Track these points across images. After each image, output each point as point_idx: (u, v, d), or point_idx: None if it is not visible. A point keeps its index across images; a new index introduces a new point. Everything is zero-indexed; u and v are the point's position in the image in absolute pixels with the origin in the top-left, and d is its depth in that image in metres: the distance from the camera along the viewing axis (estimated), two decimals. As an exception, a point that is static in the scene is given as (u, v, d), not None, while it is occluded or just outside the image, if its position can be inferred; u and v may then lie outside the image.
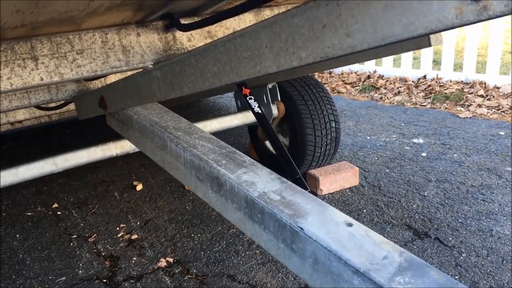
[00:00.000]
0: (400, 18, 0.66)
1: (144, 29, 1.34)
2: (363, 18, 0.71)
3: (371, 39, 0.71)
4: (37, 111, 2.77)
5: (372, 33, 0.70)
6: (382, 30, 0.69)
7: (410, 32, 0.66)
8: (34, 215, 2.96)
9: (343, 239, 0.94)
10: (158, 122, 1.51)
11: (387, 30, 0.68)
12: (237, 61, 1.00)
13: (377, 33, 0.70)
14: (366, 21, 0.71)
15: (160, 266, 2.32)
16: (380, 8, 0.68)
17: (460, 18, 0.59)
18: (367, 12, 0.70)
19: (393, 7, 0.66)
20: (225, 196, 1.21)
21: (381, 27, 0.69)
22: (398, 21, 0.66)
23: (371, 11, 0.69)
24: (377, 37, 0.70)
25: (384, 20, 0.68)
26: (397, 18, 0.66)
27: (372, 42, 0.71)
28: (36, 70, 1.18)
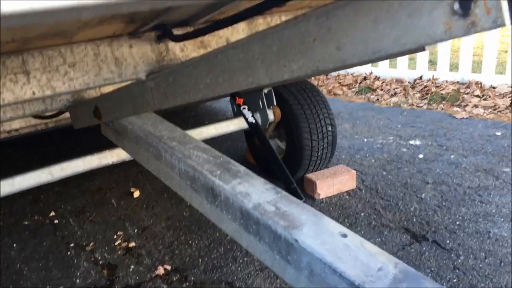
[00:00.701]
0: (390, 33, 0.66)
1: (136, 41, 1.33)
2: (353, 32, 0.71)
3: (362, 53, 0.71)
4: (33, 119, 2.77)
5: (363, 47, 0.70)
6: (372, 44, 0.69)
7: (400, 46, 0.66)
8: (31, 224, 2.95)
9: (338, 250, 0.93)
10: (152, 132, 1.51)
11: (377, 44, 0.68)
12: (229, 72, 1.00)
13: (368, 47, 0.70)
14: (356, 35, 0.70)
15: (158, 274, 2.32)
16: (370, 22, 0.68)
17: (449, 33, 0.59)
18: (357, 26, 0.70)
19: (382, 21, 0.66)
20: (220, 207, 1.20)
21: (371, 41, 0.69)
22: (388, 36, 0.66)
23: (361, 25, 0.69)
24: (367, 51, 0.70)
25: (374, 34, 0.68)
26: (386, 33, 0.66)
27: (363, 56, 0.71)
28: (28, 85, 1.18)
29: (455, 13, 0.57)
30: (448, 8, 0.58)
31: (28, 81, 1.17)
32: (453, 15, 0.58)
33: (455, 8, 0.57)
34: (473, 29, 0.56)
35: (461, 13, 0.57)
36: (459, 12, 0.57)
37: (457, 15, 0.57)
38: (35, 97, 1.18)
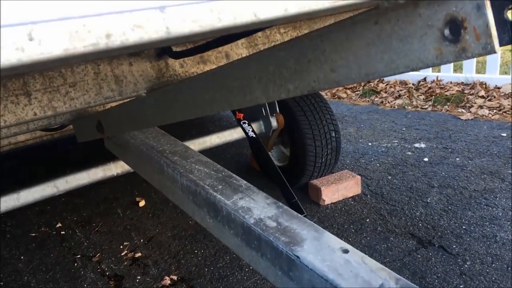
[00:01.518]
0: (382, 56, 0.66)
1: (136, 58, 1.34)
2: (346, 55, 0.71)
3: (355, 75, 0.71)
4: (37, 132, 2.79)
5: (356, 69, 0.71)
6: (365, 67, 0.69)
7: (392, 70, 0.66)
8: (38, 236, 2.97)
9: (339, 267, 0.94)
10: (154, 146, 1.52)
11: (370, 67, 0.69)
12: (227, 90, 1.01)
13: (361, 70, 0.70)
14: (350, 57, 0.71)
15: (165, 284, 2.33)
16: (363, 46, 0.68)
17: (440, 58, 0.59)
18: (350, 49, 0.70)
19: (374, 45, 0.67)
20: (222, 222, 1.21)
21: (364, 64, 0.69)
22: (380, 59, 0.66)
23: (354, 49, 0.70)
24: (361, 74, 0.71)
25: (366, 58, 0.68)
26: (378, 57, 0.67)
27: (356, 78, 0.71)
28: (29, 106, 1.19)
29: (446, 39, 0.58)
30: (439, 34, 0.58)
31: (29, 102, 1.19)
32: (444, 41, 0.58)
33: (445, 34, 0.57)
34: (464, 55, 0.56)
35: (451, 39, 0.57)
36: (449, 38, 0.57)
37: (447, 41, 0.57)
38: (37, 117, 1.20)
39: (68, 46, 0.35)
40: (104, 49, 0.37)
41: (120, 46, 0.37)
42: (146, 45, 0.39)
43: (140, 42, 0.38)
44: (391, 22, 0.63)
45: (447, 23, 0.57)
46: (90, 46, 0.36)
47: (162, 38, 0.39)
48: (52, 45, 0.34)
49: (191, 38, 0.42)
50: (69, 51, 0.35)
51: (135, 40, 0.38)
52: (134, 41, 0.38)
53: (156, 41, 0.39)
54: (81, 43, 0.35)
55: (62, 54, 0.35)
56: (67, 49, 0.35)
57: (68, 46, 0.35)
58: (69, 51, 0.35)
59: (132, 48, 0.39)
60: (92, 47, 0.36)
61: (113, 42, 0.37)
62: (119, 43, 0.37)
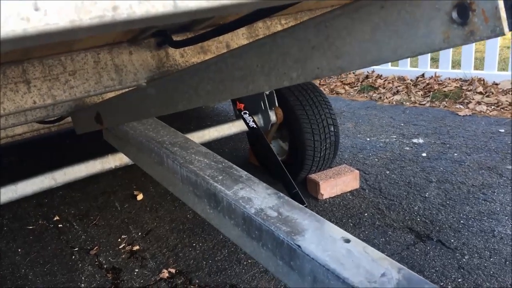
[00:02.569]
0: (388, 42, 0.65)
1: (136, 47, 1.33)
2: (351, 40, 0.70)
3: (360, 61, 0.71)
4: (35, 124, 2.77)
5: (361, 55, 0.70)
6: (371, 53, 0.69)
7: (398, 56, 0.66)
8: (36, 229, 2.96)
9: (341, 257, 0.93)
10: (154, 137, 1.51)
11: (375, 53, 0.68)
12: (229, 80, 1.00)
13: (366, 55, 0.69)
14: (355, 43, 0.70)
15: (163, 277, 2.32)
16: (368, 31, 0.68)
17: (448, 42, 0.59)
18: (355, 35, 0.70)
19: (380, 30, 0.66)
20: (222, 213, 1.20)
21: (369, 50, 0.69)
22: (386, 45, 0.66)
23: (359, 34, 0.69)
24: (366, 60, 0.70)
25: (372, 43, 0.68)
26: (384, 42, 0.66)
27: (362, 64, 0.71)
28: (28, 94, 1.18)
29: (453, 22, 0.57)
30: (446, 17, 0.57)
31: (28, 90, 1.17)
32: (451, 24, 0.57)
33: (453, 17, 0.57)
34: (472, 38, 0.56)
35: (459, 22, 0.56)
36: (457, 21, 0.56)
37: (455, 24, 0.57)
38: (36, 106, 1.19)
39: (74, 17, 0.34)
40: (110, 22, 0.36)
41: (127, 19, 0.36)
42: (152, 20, 0.38)
43: (146, 16, 0.37)
44: (398, 6, 0.62)
45: (455, 6, 0.56)
46: (96, 19, 0.35)
47: (169, 12, 0.39)
48: (57, 16, 0.33)
49: (199, 15, 0.41)
50: (75, 23, 0.34)
51: (141, 13, 0.37)
52: (140, 14, 0.37)
53: (163, 15, 0.38)
54: (87, 15, 0.35)
55: (67, 26, 0.34)
56: (73, 21, 0.34)
57: (74, 18, 0.34)
58: (75, 23, 0.34)
59: (138, 23, 0.38)
60: (98, 20, 0.35)
61: (119, 15, 0.36)
62: (125, 16, 0.36)
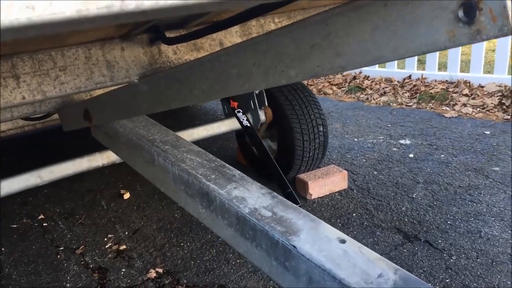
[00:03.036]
0: (389, 41, 0.65)
1: (128, 43, 1.31)
2: (352, 39, 0.70)
3: (361, 60, 0.70)
4: (20, 121, 2.72)
5: (361, 54, 0.69)
6: (371, 53, 0.68)
7: (399, 55, 0.65)
8: (20, 227, 2.91)
9: (337, 257, 0.92)
10: (145, 135, 1.49)
11: (376, 52, 0.67)
12: (225, 78, 0.98)
13: (366, 55, 0.69)
14: (355, 43, 0.69)
15: (150, 277, 2.29)
16: (368, 31, 0.67)
17: (453, 41, 0.58)
18: (355, 34, 0.69)
19: (380, 30, 0.65)
20: (215, 212, 1.19)
21: (370, 50, 0.68)
22: (386, 45, 0.65)
23: (359, 34, 0.68)
24: (366, 59, 0.69)
25: (372, 43, 0.67)
26: (385, 42, 0.65)
27: (362, 63, 0.70)
28: (17, 89, 1.15)
29: (459, 20, 0.56)
30: (452, 16, 0.57)
31: (18, 86, 1.14)
32: (457, 23, 0.57)
33: (459, 16, 0.56)
34: (479, 37, 0.55)
35: (465, 21, 0.56)
36: (463, 20, 0.56)
37: (461, 23, 0.56)
38: (25, 101, 1.16)
39: (80, 7, 0.33)
40: (117, 13, 0.34)
41: (135, 10, 0.35)
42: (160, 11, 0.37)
43: (155, 8, 0.36)
44: (398, 6, 0.62)
45: (461, 5, 0.56)
46: (104, 9, 0.34)
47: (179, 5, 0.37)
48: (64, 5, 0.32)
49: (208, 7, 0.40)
50: (81, 13, 0.33)
51: (150, 5, 0.36)
52: (149, 5, 0.35)
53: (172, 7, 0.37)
54: (94, 4, 0.33)
55: (74, 15, 0.32)
56: (79, 10, 0.32)
57: (81, 7, 0.33)
58: (81, 13, 0.33)
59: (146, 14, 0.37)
60: (105, 10, 0.34)
61: (127, 5, 0.35)
62: (133, 6, 0.35)
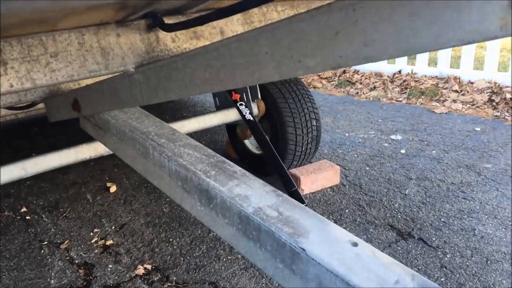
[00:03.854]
0: (430, 28, 0.58)
1: (124, 29, 1.23)
2: (384, 26, 0.63)
3: (393, 50, 0.64)
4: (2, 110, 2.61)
5: (395, 43, 0.63)
6: (407, 41, 0.62)
7: (441, 45, 0.59)
8: (1, 220, 2.80)
9: (350, 261, 0.87)
10: (138, 127, 1.41)
11: (412, 41, 0.61)
12: (232, 67, 0.91)
13: (400, 44, 0.62)
14: (389, 30, 0.63)
15: (138, 273, 2.22)
16: (406, 16, 0.60)
17: (506, 29, 0.52)
18: (390, 20, 0.62)
19: (421, 15, 0.59)
20: (215, 210, 1.12)
21: (406, 38, 0.62)
22: (427, 32, 0.59)
23: (395, 20, 0.62)
24: (400, 48, 0.63)
25: (410, 30, 0.61)
26: (425, 29, 0.59)
27: (395, 53, 0.64)
28: (5, 76, 1.06)
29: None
30: (506, 1, 0.51)
31: (5, 72, 1.06)
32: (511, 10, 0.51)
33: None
34: (536, 27, 0.49)
35: (523, 8, 0.50)
36: (519, 7, 0.50)
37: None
38: (13, 89, 1.07)
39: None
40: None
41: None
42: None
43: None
44: (446, -12, 0.55)
45: (519, -10, 0.50)
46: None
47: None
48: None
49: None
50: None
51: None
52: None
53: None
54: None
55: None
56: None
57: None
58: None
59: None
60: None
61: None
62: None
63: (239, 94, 1.71)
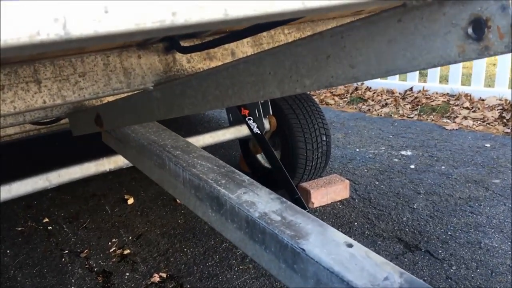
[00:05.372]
0: (404, 53, 0.69)
1: (145, 51, 1.36)
2: (367, 51, 0.74)
3: (375, 71, 0.74)
4: (27, 125, 2.76)
5: (376, 65, 0.74)
6: (386, 64, 0.72)
7: (414, 67, 0.69)
8: (25, 230, 2.94)
9: (345, 260, 0.96)
10: (156, 140, 1.53)
11: (390, 64, 0.71)
12: (239, 86, 1.03)
13: (381, 66, 0.73)
14: (370, 54, 0.74)
15: (154, 281, 2.32)
16: (384, 43, 0.71)
17: (462, 56, 0.62)
18: (371, 45, 0.73)
19: (396, 42, 0.69)
20: (225, 216, 1.23)
21: (385, 61, 0.72)
22: (402, 56, 0.69)
23: (375, 45, 0.72)
24: (380, 70, 0.73)
25: (388, 54, 0.71)
26: (400, 53, 0.69)
27: (376, 74, 0.74)
28: (39, 93, 1.19)
29: (469, 37, 0.61)
30: (462, 32, 0.61)
31: (39, 90, 1.19)
32: (467, 39, 0.61)
33: (469, 32, 0.60)
34: (486, 53, 0.59)
35: (474, 37, 0.60)
36: (472, 36, 0.60)
37: (470, 39, 0.61)
38: (46, 105, 1.20)
39: (139, 21, 0.37)
40: (168, 26, 0.39)
41: (183, 24, 0.39)
42: (205, 25, 0.41)
43: (200, 22, 0.40)
44: (415, 20, 0.66)
45: (471, 22, 0.60)
46: (157, 22, 0.38)
47: (220, 19, 0.41)
48: (125, 19, 0.36)
49: (243, 22, 0.44)
50: (139, 26, 0.37)
51: (196, 19, 0.40)
52: (196, 20, 0.40)
53: (215, 22, 0.41)
54: (150, 18, 0.37)
55: (133, 28, 0.37)
56: (138, 24, 0.37)
57: (139, 21, 0.37)
58: (139, 26, 0.37)
59: (192, 28, 0.41)
60: (159, 24, 0.38)
61: (177, 20, 0.39)
62: (182, 21, 0.39)
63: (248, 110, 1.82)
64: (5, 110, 1.13)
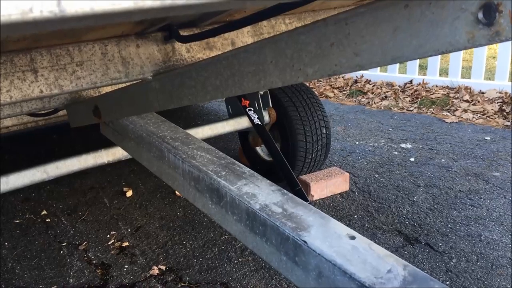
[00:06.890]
0: (410, 41, 0.67)
1: (143, 41, 1.33)
2: (372, 39, 0.72)
3: (380, 59, 0.72)
4: (25, 117, 2.74)
5: (381, 54, 0.72)
6: (391, 52, 0.70)
7: (420, 54, 0.67)
8: (23, 223, 2.92)
9: (347, 253, 0.95)
10: (155, 132, 1.51)
11: (396, 52, 0.70)
12: (240, 75, 1.00)
13: (386, 54, 0.71)
14: (375, 42, 0.72)
15: (153, 274, 2.31)
16: (390, 30, 0.69)
17: (472, 42, 0.60)
18: (376, 33, 0.71)
19: (403, 30, 0.67)
20: (225, 208, 1.21)
21: (390, 49, 0.70)
22: (408, 44, 0.67)
23: (380, 33, 0.70)
24: (386, 58, 0.71)
25: (393, 42, 0.69)
26: (406, 41, 0.67)
27: (381, 62, 0.72)
28: (35, 83, 1.17)
29: (479, 22, 0.59)
30: (472, 18, 0.59)
31: (36, 79, 1.16)
32: (477, 24, 0.59)
33: (479, 17, 0.58)
34: (497, 38, 0.58)
35: (485, 23, 0.58)
36: (483, 22, 0.58)
37: (480, 24, 0.59)
38: (43, 95, 1.18)
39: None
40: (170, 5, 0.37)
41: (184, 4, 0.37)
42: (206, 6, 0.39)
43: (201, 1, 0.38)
44: (422, 6, 0.64)
45: (482, 7, 0.58)
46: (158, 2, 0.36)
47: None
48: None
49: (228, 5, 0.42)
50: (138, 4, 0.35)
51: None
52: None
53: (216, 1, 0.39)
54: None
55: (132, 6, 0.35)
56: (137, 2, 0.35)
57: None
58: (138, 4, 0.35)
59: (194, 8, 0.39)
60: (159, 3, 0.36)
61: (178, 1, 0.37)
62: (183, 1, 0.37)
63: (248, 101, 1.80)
64: (1, 99, 1.11)
